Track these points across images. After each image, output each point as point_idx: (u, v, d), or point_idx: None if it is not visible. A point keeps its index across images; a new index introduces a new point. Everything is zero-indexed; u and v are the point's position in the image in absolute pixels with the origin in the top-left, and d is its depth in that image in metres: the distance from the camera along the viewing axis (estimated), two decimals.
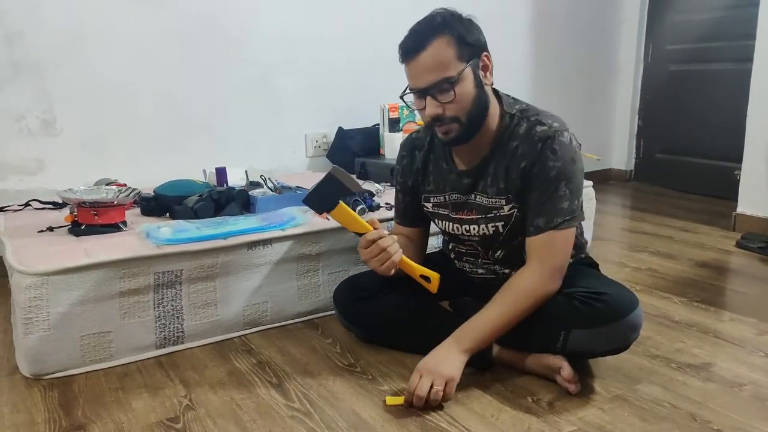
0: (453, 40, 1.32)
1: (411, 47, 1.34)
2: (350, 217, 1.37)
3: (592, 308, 1.33)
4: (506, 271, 1.54)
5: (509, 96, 1.48)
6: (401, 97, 1.42)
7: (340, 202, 1.39)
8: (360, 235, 1.41)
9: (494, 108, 1.42)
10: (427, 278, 1.46)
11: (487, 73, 1.39)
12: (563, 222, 1.36)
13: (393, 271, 1.41)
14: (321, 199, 1.40)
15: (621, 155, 4.03)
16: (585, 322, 1.33)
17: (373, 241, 1.37)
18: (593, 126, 3.91)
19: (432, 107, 1.34)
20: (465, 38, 1.33)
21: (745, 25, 3.20)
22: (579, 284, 1.38)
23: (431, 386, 1.27)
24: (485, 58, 1.38)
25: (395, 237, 1.41)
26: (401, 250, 1.42)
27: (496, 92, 1.45)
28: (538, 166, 1.36)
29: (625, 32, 3.86)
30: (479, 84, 1.37)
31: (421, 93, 1.35)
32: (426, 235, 1.69)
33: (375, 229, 1.39)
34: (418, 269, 1.45)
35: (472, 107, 1.36)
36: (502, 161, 1.42)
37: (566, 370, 1.35)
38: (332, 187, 1.39)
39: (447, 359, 1.31)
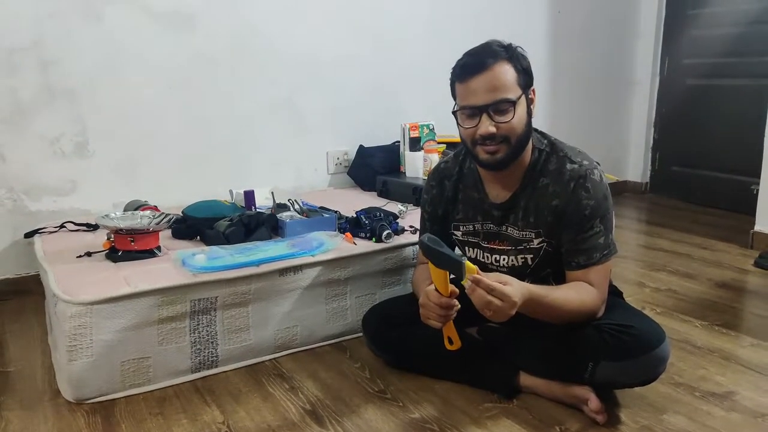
0: (513, 67, 1.38)
1: (473, 66, 1.38)
2: (444, 280, 1.35)
3: (620, 341, 1.36)
4: None
5: (535, 130, 1.52)
6: (454, 113, 1.44)
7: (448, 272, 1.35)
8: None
9: (529, 143, 1.46)
10: (450, 341, 1.41)
11: (532, 106, 1.44)
12: (602, 257, 1.41)
13: None
14: (440, 261, 1.34)
15: (637, 168, 4.05)
16: (613, 355, 1.37)
17: (445, 307, 1.34)
18: (609, 138, 3.94)
19: (487, 125, 1.36)
20: (523, 67, 1.40)
21: (763, 42, 3.22)
22: (607, 316, 1.42)
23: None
24: (533, 92, 1.44)
25: (458, 306, 1.36)
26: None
27: None
28: (572, 206, 1.41)
29: (641, 46, 3.87)
30: (529, 112, 1.42)
31: (478, 110, 1.37)
32: None
33: (452, 296, 1.34)
34: (448, 330, 1.40)
35: (523, 132, 1.40)
36: (532, 196, 1.46)
37: (594, 402, 1.38)
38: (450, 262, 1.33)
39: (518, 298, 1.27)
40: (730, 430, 1.38)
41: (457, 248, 1.66)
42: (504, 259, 1.54)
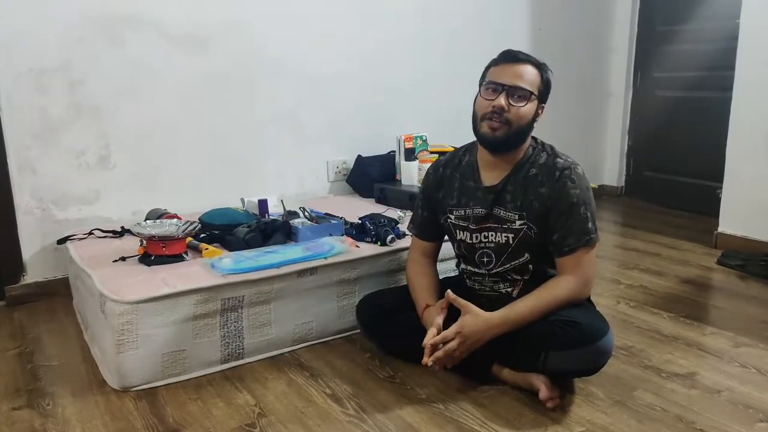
0: (539, 74, 1.69)
1: (513, 56, 1.69)
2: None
3: (566, 333, 1.57)
4: (508, 290, 1.78)
5: (533, 137, 1.77)
6: (481, 83, 1.71)
7: None
8: None
9: (526, 142, 1.72)
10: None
11: (538, 118, 1.71)
12: (590, 239, 1.64)
13: None
14: None
15: (612, 172, 4.33)
16: (560, 345, 1.57)
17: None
18: (588, 145, 4.21)
19: (501, 100, 1.63)
20: (546, 80, 1.71)
21: (726, 58, 3.49)
22: (561, 312, 1.62)
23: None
24: (542, 109, 1.71)
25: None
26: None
27: None
28: (558, 193, 1.64)
29: (616, 60, 4.16)
30: (534, 118, 1.69)
31: (500, 87, 1.64)
32: (439, 248, 1.94)
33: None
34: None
35: (523, 126, 1.67)
36: (522, 182, 1.69)
37: (543, 392, 1.59)
38: None
39: (481, 338, 1.60)
40: (690, 404, 1.63)
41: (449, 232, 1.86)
42: (492, 235, 1.75)
